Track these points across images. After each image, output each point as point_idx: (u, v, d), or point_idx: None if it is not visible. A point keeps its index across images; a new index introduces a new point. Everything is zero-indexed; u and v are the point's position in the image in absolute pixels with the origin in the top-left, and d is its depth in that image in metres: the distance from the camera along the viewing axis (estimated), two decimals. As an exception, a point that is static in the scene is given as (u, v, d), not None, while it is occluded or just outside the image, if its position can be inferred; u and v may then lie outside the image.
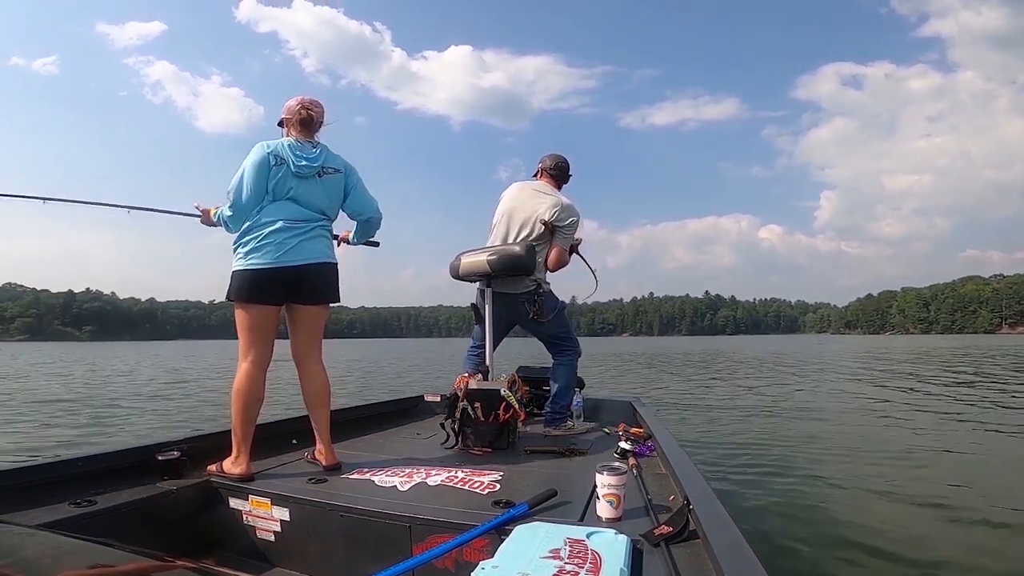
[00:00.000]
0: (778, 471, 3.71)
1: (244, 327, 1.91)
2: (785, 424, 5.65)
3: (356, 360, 21.72)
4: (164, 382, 11.48)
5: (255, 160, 1.88)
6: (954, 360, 17.11)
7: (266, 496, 1.65)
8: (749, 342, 60.18)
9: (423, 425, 2.90)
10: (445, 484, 1.74)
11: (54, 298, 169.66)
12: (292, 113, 2.01)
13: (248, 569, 1.56)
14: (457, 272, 2.80)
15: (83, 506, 1.48)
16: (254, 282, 1.87)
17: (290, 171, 1.91)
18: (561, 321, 2.80)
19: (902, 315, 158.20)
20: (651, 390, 9.23)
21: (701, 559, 1.13)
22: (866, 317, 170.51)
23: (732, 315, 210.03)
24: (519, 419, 2.35)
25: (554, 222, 2.72)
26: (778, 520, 2.80)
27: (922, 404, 7.13)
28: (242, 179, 1.88)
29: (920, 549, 2.41)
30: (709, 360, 18.89)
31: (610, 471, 1.39)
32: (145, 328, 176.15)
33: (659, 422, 2.48)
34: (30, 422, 6.13)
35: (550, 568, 0.98)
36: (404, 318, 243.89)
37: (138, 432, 5.54)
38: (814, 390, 9.27)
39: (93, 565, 0.78)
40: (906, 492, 3.20)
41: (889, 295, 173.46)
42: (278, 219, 1.89)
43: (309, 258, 1.93)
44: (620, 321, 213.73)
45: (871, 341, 61.69)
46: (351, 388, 10.08)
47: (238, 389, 1.87)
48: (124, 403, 7.86)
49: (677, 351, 28.72)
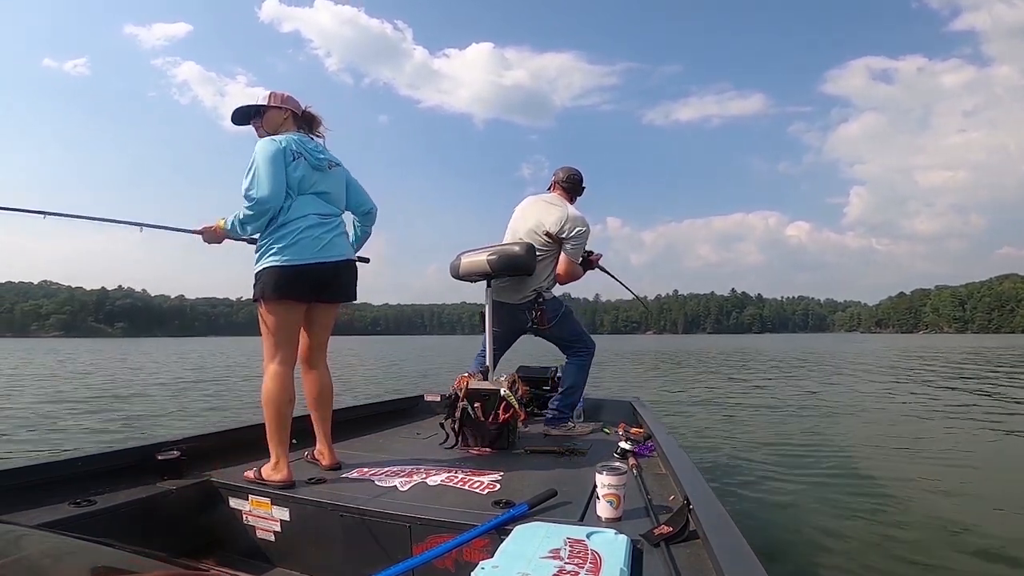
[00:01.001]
0: (779, 471, 3.70)
1: (274, 327, 1.82)
2: (799, 423, 5.66)
3: (386, 356, 22.20)
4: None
5: (271, 153, 1.79)
6: (1013, 360, 16.34)
7: (266, 496, 1.65)
8: (775, 341, 59.25)
9: (423, 425, 2.89)
10: (445, 484, 1.74)
11: (87, 295, 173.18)
12: (293, 106, 1.95)
13: (248, 569, 1.56)
14: (457, 272, 2.80)
15: (83, 506, 1.48)
16: (290, 279, 1.79)
17: (309, 165, 1.86)
18: (567, 325, 2.80)
19: (936, 314, 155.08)
20: (651, 390, 9.23)
21: (701, 559, 1.13)
22: (898, 316, 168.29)
23: (759, 313, 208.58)
24: (519, 419, 2.35)
25: (559, 234, 2.72)
26: (778, 520, 2.80)
27: (938, 403, 7.07)
28: (260, 174, 1.78)
29: (923, 551, 2.41)
30: (721, 359, 18.88)
31: (610, 471, 1.39)
32: (174, 324, 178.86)
33: (659, 422, 2.48)
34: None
35: (550, 568, 0.98)
36: (427, 315, 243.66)
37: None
38: (854, 388, 9.10)
39: (93, 565, 0.78)
40: (910, 492, 3.20)
41: (922, 293, 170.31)
42: (309, 213, 1.84)
43: (341, 254, 1.91)
44: (644, 319, 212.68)
45: (906, 340, 59.31)
46: (390, 385, 10.11)
47: (270, 394, 1.80)
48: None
49: (692, 350, 28.60)
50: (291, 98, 1.97)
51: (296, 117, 1.97)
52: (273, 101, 1.94)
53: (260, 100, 1.95)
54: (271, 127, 1.93)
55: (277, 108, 1.94)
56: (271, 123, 1.93)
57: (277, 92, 1.96)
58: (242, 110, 1.97)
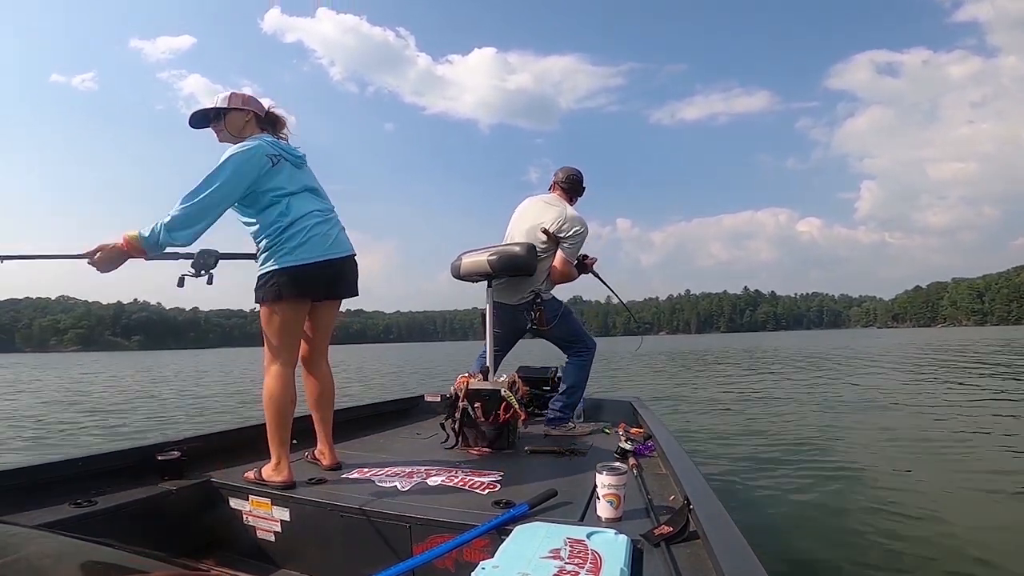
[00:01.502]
0: (779, 471, 3.70)
1: (281, 327, 1.79)
2: (802, 421, 5.65)
3: (406, 361, 22.35)
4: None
5: (250, 157, 1.70)
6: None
7: (266, 496, 1.65)
8: (790, 338, 58.45)
9: (423, 425, 2.90)
10: (445, 484, 1.74)
11: (104, 309, 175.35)
12: (256, 107, 1.88)
13: (248, 569, 1.56)
14: (458, 272, 2.80)
15: (83, 506, 1.48)
16: (304, 278, 1.76)
17: (293, 165, 1.83)
18: (566, 325, 2.81)
19: (954, 307, 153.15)
20: (654, 389, 9.22)
21: (701, 559, 1.13)
22: (915, 310, 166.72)
23: (772, 311, 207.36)
24: (519, 419, 2.35)
25: (557, 233, 2.72)
26: (779, 520, 2.80)
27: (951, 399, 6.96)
28: (224, 181, 1.66)
29: (924, 552, 2.40)
30: (723, 357, 18.88)
31: (610, 471, 1.39)
32: (189, 336, 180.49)
33: (659, 422, 2.48)
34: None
35: (550, 568, 0.98)
36: (439, 322, 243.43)
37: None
38: (876, 385, 8.90)
39: (93, 565, 0.78)
40: (911, 492, 3.19)
41: (939, 286, 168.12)
42: (311, 210, 1.81)
43: (348, 250, 1.90)
44: (656, 320, 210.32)
45: (925, 334, 57.41)
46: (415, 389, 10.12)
47: (273, 394, 1.78)
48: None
49: (697, 350, 28.48)
50: (253, 99, 1.89)
51: (259, 119, 1.89)
52: (234, 102, 1.85)
53: (219, 102, 1.84)
54: (234, 130, 1.84)
55: (239, 110, 1.85)
56: (233, 126, 1.84)
57: (238, 93, 1.87)
58: (200, 113, 1.87)
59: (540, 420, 2.88)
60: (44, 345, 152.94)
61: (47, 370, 23.02)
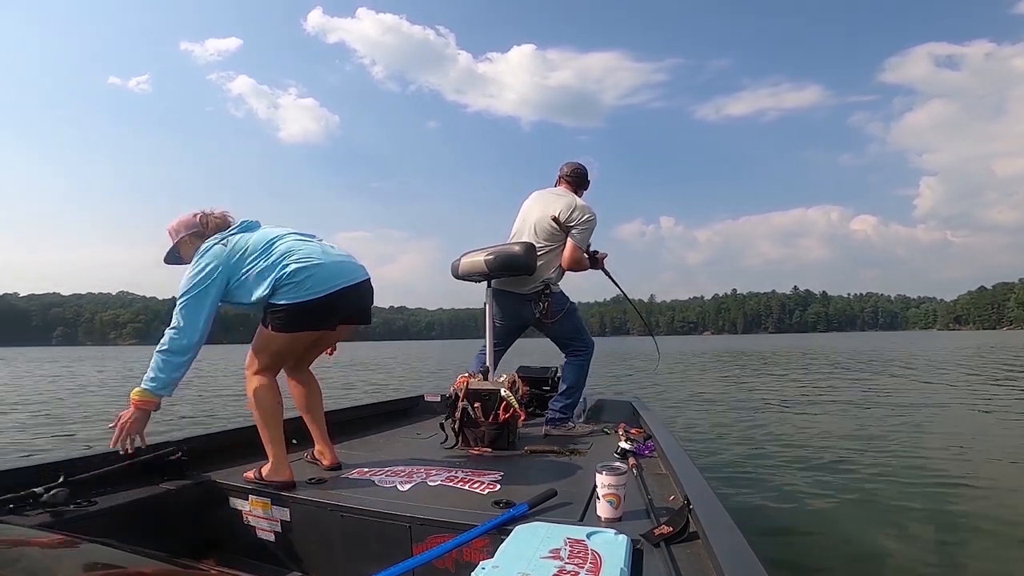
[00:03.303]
0: (780, 470, 3.70)
1: (282, 351, 1.81)
2: (806, 420, 5.64)
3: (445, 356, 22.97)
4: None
5: (219, 263, 1.71)
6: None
7: (266, 496, 1.65)
8: (841, 340, 54.91)
9: (423, 425, 2.90)
10: (445, 484, 1.74)
11: (160, 304, 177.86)
12: (186, 226, 1.88)
13: (248, 569, 1.56)
14: (457, 272, 2.81)
15: (83, 506, 1.48)
16: (321, 310, 1.74)
17: (251, 231, 1.84)
18: (570, 322, 2.81)
19: (1021, 308, 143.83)
20: (655, 389, 9.21)
21: (701, 559, 1.13)
22: (979, 311, 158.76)
23: (823, 311, 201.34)
24: (519, 419, 2.35)
25: (567, 221, 2.74)
26: (779, 520, 2.79)
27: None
28: (198, 303, 1.67)
29: (925, 552, 2.41)
30: (752, 359, 18.78)
31: (610, 471, 1.39)
32: (239, 331, 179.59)
33: (659, 422, 2.48)
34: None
35: (550, 568, 0.98)
36: (481, 319, 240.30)
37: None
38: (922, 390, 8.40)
39: (93, 565, 0.78)
40: (912, 493, 3.19)
41: (1006, 287, 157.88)
42: (309, 240, 1.84)
43: (362, 276, 1.88)
44: (701, 319, 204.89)
45: (987, 337, 54.03)
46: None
47: (259, 396, 1.79)
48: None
49: (738, 350, 28.01)
50: (181, 221, 1.90)
51: (198, 233, 1.87)
52: (173, 237, 1.88)
53: (173, 240, 1.89)
54: (189, 256, 1.83)
55: (179, 240, 1.88)
56: (187, 253, 1.85)
57: (170, 225, 1.90)
58: (168, 257, 1.93)
59: (540, 420, 2.88)
60: (104, 339, 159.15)
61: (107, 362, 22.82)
